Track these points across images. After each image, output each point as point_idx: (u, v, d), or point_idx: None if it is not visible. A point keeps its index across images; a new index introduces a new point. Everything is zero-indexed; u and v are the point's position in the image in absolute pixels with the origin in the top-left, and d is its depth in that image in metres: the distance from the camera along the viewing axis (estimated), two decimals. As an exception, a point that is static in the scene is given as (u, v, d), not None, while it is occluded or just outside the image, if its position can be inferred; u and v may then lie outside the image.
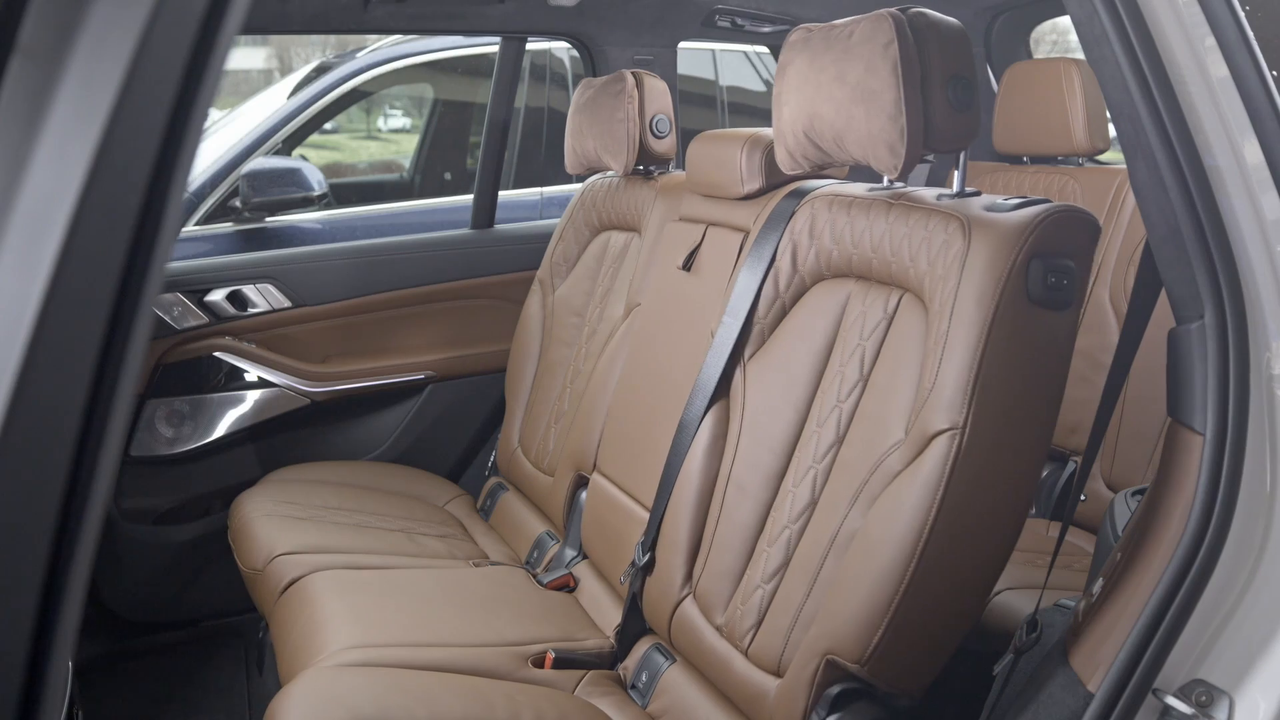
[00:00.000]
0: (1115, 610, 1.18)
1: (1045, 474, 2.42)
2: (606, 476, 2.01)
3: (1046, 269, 1.29)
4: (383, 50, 3.70)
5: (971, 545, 1.32)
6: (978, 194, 1.45)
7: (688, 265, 1.96)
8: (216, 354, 2.51)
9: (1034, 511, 2.41)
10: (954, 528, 1.29)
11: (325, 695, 1.46)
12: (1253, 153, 1.08)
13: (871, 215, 1.53)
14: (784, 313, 1.66)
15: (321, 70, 3.71)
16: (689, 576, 1.66)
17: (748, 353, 1.68)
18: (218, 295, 2.53)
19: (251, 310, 2.56)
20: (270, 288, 2.58)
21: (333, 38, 5.57)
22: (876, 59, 1.41)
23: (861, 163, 1.50)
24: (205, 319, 2.51)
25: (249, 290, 2.55)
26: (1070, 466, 2.38)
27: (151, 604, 2.52)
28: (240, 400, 2.55)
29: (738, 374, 1.68)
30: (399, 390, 2.70)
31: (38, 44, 0.49)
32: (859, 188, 1.64)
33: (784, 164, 1.66)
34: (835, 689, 1.36)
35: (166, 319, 2.47)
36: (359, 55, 3.74)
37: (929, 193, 1.50)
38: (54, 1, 0.49)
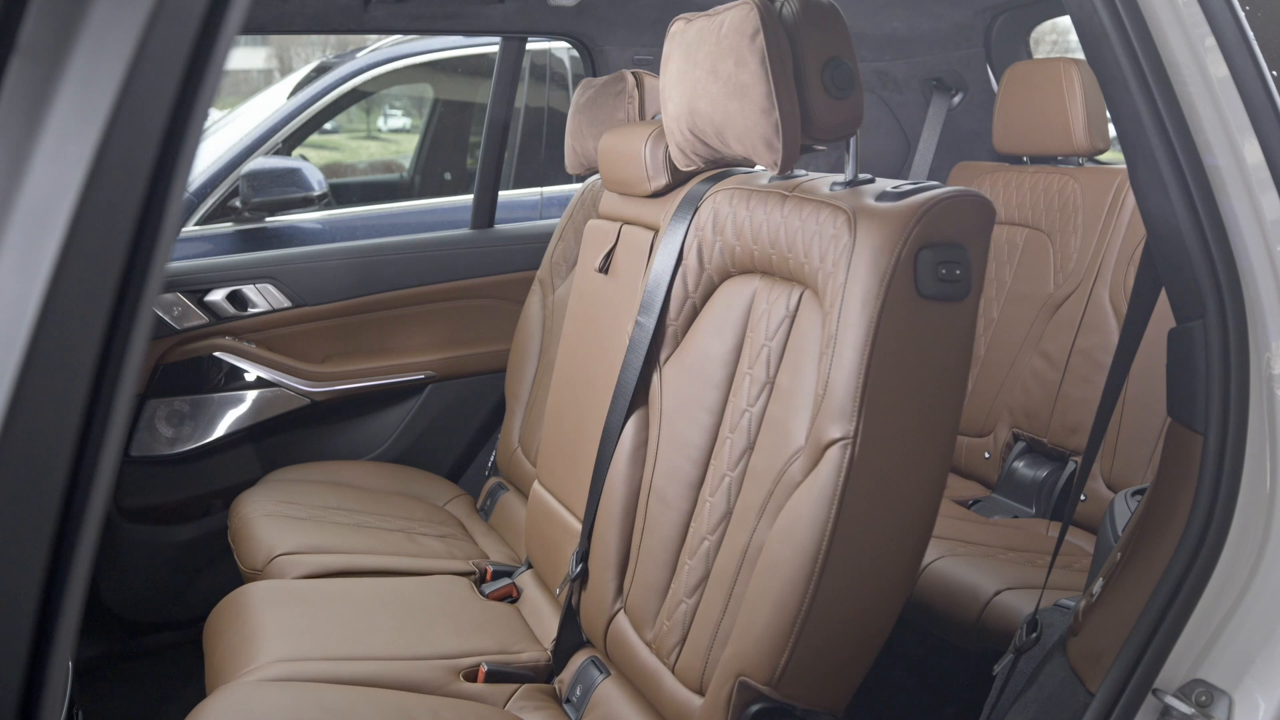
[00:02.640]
0: (1115, 610, 1.18)
1: (1045, 474, 2.42)
2: (544, 486, 1.99)
3: (937, 260, 1.22)
4: (383, 50, 3.70)
5: (875, 559, 1.26)
6: (871, 181, 1.38)
7: (604, 267, 1.92)
8: (216, 354, 2.51)
9: (1034, 511, 2.41)
10: (854, 543, 1.23)
11: (241, 711, 1.44)
12: (1253, 153, 1.08)
13: (769, 208, 1.45)
14: (695, 312, 1.59)
15: (321, 70, 3.71)
16: (620, 590, 1.61)
17: (663, 356, 1.61)
18: (218, 295, 2.53)
19: (251, 310, 2.56)
20: (270, 288, 2.58)
21: (333, 38, 5.57)
22: (745, 51, 1.35)
23: (746, 157, 1.46)
24: (205, 319, 2.51)
25: (249, 290, 2.56)
26: (1070, 466, 2.38)
27: (151, 604, 2.52)
28: (240, 400, 2.55)
29: (655, 378, 1.62)
30: (399, 390, 2.71)
31: (38, 44, 0.49)
32: (760, 178, 1.56)
33: (679, 161, 1.62)
34: (754, 708, 1.30)
35: (166, 319, 2.47)
36: (359, 55, 3.74)
37: (824, 181, 1.43)
38: (54, 1, 0.49)
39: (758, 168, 1.64)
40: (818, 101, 1.35)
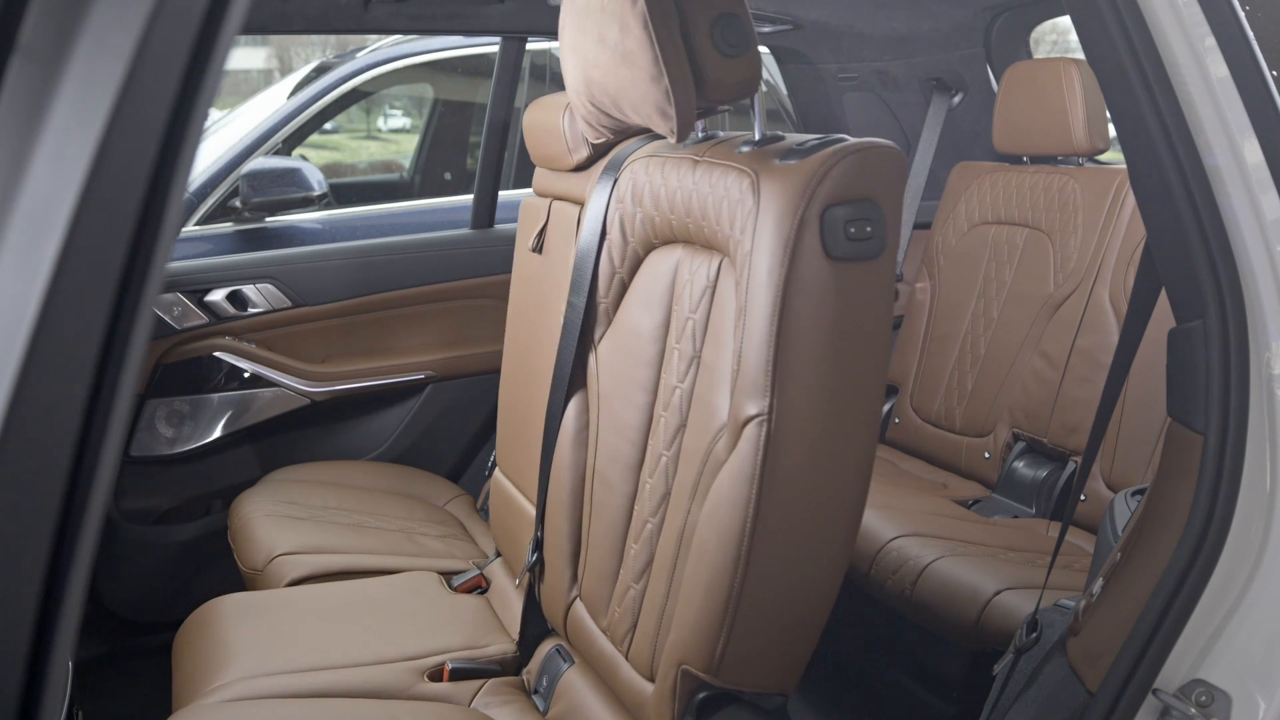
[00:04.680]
0: (1115, 610, 1.18)
1: (1045, 474, 2.42)
2: (503, 473, 1.96)
3: (846, 218, 1.14)
4: (383, 50, 3.70)
5: (806, 538, 1.20)
6: (781, 138, 1.31)
7: (537, 246, 1.88)
8: (216, 354, 2.51)
9: (1034, 511, 2.41)
10: (780, 523, 1.18)
11: None
12: (1253, 153, 1.08)
13: (681, 174, 1.38)
14: (624, 288, 1.51)
15: (321, 70, 3.71)
16: (575, 577, 1.57)
17: (597, 335, 1.55)
18: (218, 295, 2.53)
19: (251, 310, 2.56)
20: (270, 288, 2.58)
21: (333, 38, 5.57)
22: (627, 15, 1.28)
23: (645, 126, 1.40)
24: (205, 319, 2.51)
25: (249, 290, 2.56)
26: (1070, 466, 2.38)
27: (151, 604, 2.52)
28: (240, 400, 2.55)
29: (591, 359, 1.56)
30: (399, 390, 2.71)
31: (38, 44, 0.49)
32: (663, 145, 1.49)
33: (587, 133, 1.58)
34: (700, 695, 1.26)
35: (166, 319, 2.47)
36: (359, 55, 3.74)
37: (736, 142, 1.36)
38: (54, 1, 0.49)
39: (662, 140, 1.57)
40: (710, 61, 1.28)
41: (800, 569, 1.22)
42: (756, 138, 1.33)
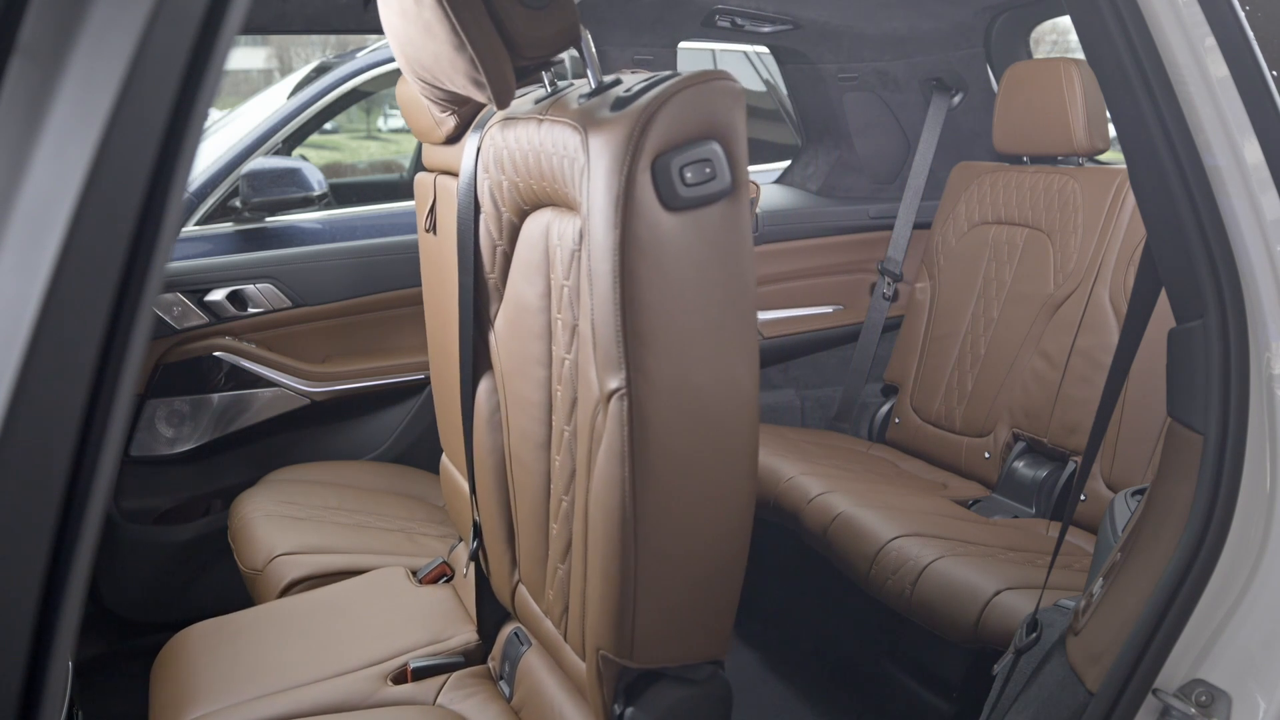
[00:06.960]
0: (1115, 610, 1.18)
1: (1045, 474, 2.42)
2: (449, 458, 1.95)
3: (681, 164, 1.05)
4: (383, 50, 3.70)
5: (694, 510, 1.13)
6: (618, 83, 1.20)
7: (431, 225, 1.82)
8: (216, 354, 2.51)
9: (1034, 511, 2.41)
10: (661, 498, 1.11)
11: None
12: (1253, 153, 1.08)
13: (529, 134, 1.29)
14: (508, 260, 1.43)
15: (321, 70, 3.71)
16: (514, 559, 1.52)
17: (492, 312, 1.47)
18: (218, 295, 2.53)
19: (251, 310, 2.56)
20: (270, 288, 2.58)
21: (333, 38, 5.57)
22: None
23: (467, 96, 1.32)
24: (205, 319, 2.51)
25: (249, 290, 2.56)
26: (1070, 466, 2.38)
27: (151, 604, 2.52)
28: (240, 400, 2.55)
29: (491, 338, 1.49)
30: (399, 390, 2.71)
31: (38, 44, 0.49)
32: (523, 104, 1.38)
33: (433, 108, 1.53)
34: (626, 678, 1.22)
35: (166, 319, 2.47)
36: (359, 55, 3.74)
37: (575, 95, 1.26)
38: (54, 1, 0.49)
39: (533, 89, 1.44)
40: (516, 18, 1.20)
41: (697, 539, 1.15)
42: (593, 87, 1.23)
